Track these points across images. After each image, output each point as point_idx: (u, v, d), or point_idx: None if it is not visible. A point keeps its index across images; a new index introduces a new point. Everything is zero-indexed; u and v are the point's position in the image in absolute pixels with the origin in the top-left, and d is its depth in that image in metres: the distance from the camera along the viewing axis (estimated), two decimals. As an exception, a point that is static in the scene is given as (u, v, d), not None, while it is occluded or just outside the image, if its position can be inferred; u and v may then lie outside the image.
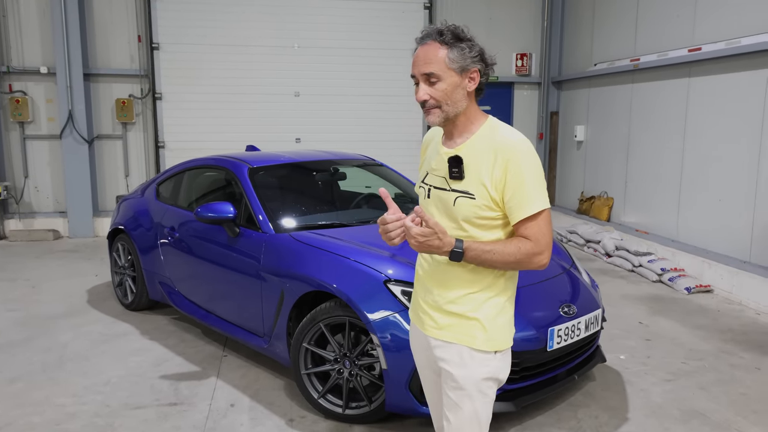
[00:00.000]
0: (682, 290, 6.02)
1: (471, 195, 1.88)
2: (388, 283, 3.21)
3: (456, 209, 1.91)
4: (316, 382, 3.49)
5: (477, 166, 1.88)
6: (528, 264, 1.88)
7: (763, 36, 5.50)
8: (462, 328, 1.97)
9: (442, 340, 2.00)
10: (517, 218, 1.86)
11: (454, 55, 1.86)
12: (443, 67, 1.86)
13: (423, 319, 2.07)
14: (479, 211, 1.88)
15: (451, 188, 1.92)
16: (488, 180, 1.86)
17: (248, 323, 4.02)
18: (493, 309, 1.97)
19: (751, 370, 4.15)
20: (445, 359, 2.00)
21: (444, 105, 1.88)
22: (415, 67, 1.91)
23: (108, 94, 8.84)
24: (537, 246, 1.86)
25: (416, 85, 1.93)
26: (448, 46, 1.87)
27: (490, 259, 1.86)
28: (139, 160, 9.08)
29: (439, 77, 1.86)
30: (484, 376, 1.98)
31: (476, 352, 1.96)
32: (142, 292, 5.18)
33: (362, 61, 9.21)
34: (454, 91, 1.88)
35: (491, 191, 1.86)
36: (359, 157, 5.18)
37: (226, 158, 4.68)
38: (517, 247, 1.85)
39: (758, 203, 5.66)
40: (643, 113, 7.46)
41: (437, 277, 2.01)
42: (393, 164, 6.18)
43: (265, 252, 3.83)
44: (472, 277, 1.95)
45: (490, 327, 1.96)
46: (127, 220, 5.35)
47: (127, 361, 4.27)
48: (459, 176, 1.90)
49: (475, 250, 1.85)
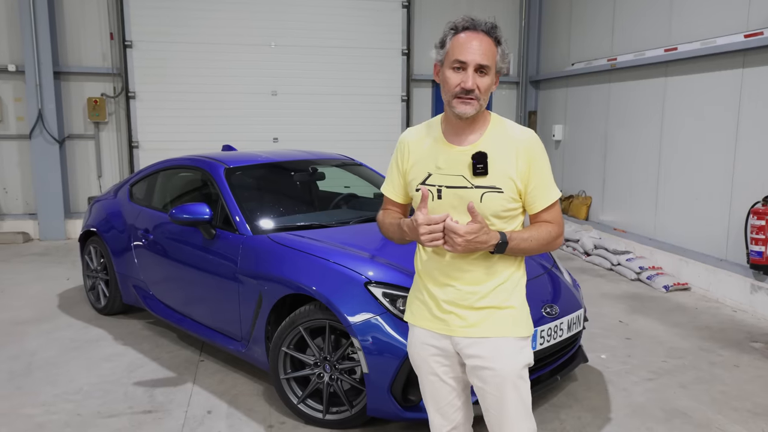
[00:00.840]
0: (660, 288, 6.06)
1: (499, 189, 1.92)
2: (368, 285, 3.15)
3: (484, 204, 1.93)
4: (296, 386, 3.41)
5: (500, 160, 1.93)
6: (552, 246, 2.02)
7: (738, 36, 5.55)
8: (497, 319, 1.99)
9: (475, 338, 1.99)
10: (540, 206, 1.98)
11: (501, 54, 1.92)
12: (493, 62, 1.90)
13: (446, 320, 2.02)
14: (506, 203, 1.94)
15: (475, 185, 1.93)
16: (515, 173, 1.93)
17: (225, 327, 3.92)
18: (520, 295, 2.05)
19: (729, 368, 4.17)
20: (481, 355, 1.99)
21: (482, 98, 1.91)
22: (469, 54, 1.87)
23: (79, 92, 8.62)
24: (559, 228, 2.01)
25: (455, 71, 1.90)
26: (499, 44, 1.91)
27: (527, 247, 1.95)
28: (112, 160, 8.88)
29: (487, 72, 1.89)
30: (523, 363, 2.02)
31: (514, 340, 2.00)
32: (116, 296, 5.04)
33: (340, 60, 9.12)
34: (489, 89, 1.92)
35: (518, 183, 1.94)
36: (338, 157, 5.10)
37: (202, 158, 4.57)
38: (548, 231, 1.98)
39: (733, 201, 5.72)
40: (621, 113, 7.51)
41: (458, 275, 2.00)
42: (372, 163, 6.11)
43: (243, 254, 3.74)
44: (497, 268, 1.99)
45: (522, 313, 2.04)
46: (100, 222, 5.20)
47: (99, 368, 4.14)
48: (484, 172, 1.91)
49: (515, 239, 1.92)
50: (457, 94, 1.89)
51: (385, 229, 2.18)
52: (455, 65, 1.89)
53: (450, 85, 1.90)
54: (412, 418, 3.03)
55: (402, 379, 3.00)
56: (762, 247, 5.21)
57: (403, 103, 9.48)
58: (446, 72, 1.92)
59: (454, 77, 1.89)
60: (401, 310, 3.07)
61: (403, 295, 3.12)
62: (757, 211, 5.26)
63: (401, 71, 9.40)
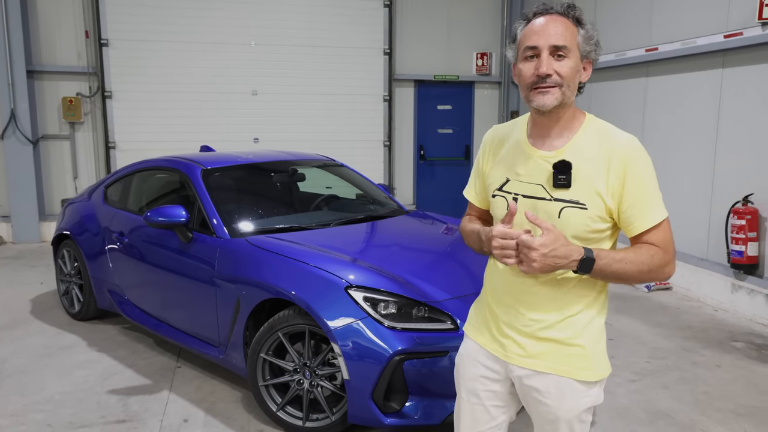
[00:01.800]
0: (643, 288, 6.06)
1: (582, 205, 1.65)
2: (349, 289, 3.07)
3: (562, 221, 1.66)
4: (275, 393, 3.32)
5: (587, 171, 1.66)
6: (656, 275, 1.68)
7: (718, 36, 5.57)
8: (561, 356, 1.73)
9: (533, 370, 1.76)
10: (639, 229, 1.67)
11: (585, 34, 1.68)
12: (574, 44, 1.65)
13: (504, 344, 1.81)
14: (591, 223, 1.66)
15: (554, 197, 1.68)
16: (603, 188, 1.64)
17: (203, 333, 3.82)
18: (595, 332, 1.75)
19: (711, 368, 4.17)
20: (540, 390, 1.77)
21: (565, 86, 1.64)
22: (539, 37, 1.64)
23: (54, 92, 8.41)
24: (667, 254, 1.67)
25: (528, 60, 1.66)
26: (578, 24, 1.68)
27: (620, 270, 1.63)
28: (88, 161, 8.68)
29: (568, 53, 1.63)
30: (585, 407, 1.77)
31: (578, 383, 1.74)
32: (90, 301, 4.91)
33: (321, 59, 9.03)
34: (575, 77, 1.66)
35: (607, 200, 1.65)
36: (318, 158, 5.02)
37: (179, 159, 4.46)
38: (650, 255, 1.65)
39: (714, 200, 5.74)
40: (602, 112, 7.49)
41: (524, 298, 1.76)
42: (354, 163, 6.05)
43: (220, 258, 3.64)
44: (571, 296, 1.72)
45: (594, 354, 1.74)
46: (73, 225, 5.06)
47: (72, 376, 4.01)
48: (566, 184, 1.65)
49: (605, 259, 1.61)
50: (532, 85, 1.64)
51: (465, 236, 1.95)
52: (527, 54, 1.66)
53: (525, 77, 1.66)
54: (394, 424, 2.96)
55: (383, 386, 2.93)
56: (742, 246, 5.23)
57: (386, 102, 9.41)
58: (519, 65, 1.69)
59: (527, 67, 1.66)
60: (383, 315, 3.01)
61: (384, 300, 3.05)
62: (738, 210, 5.28)
63: (383, 71, 9.33)
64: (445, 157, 9.79)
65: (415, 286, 3.18)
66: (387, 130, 9.48)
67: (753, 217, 5.20)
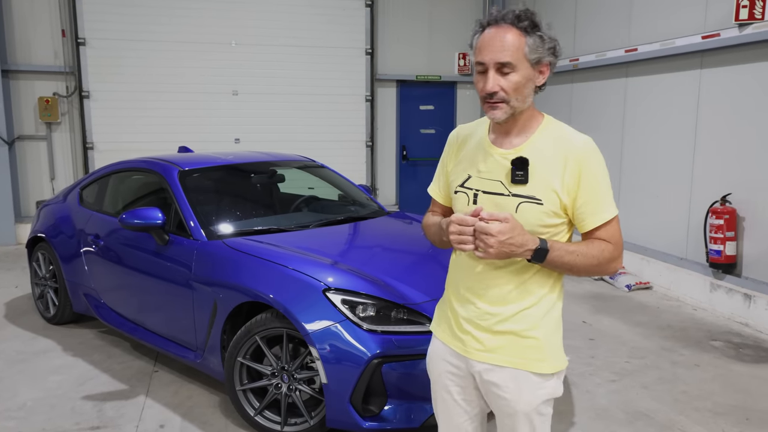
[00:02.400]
0: (623, 288, 6.10)
1: (538, 200, 1.72)
2: (327, 292, 3.04)
3: (519, 216, 1.72)
4: (253, 398, 3.27)
5: (544, 169, 1.72)
6: (605, 269, 1.76)
7: (696, 37, 5.62)
8: (517, 349, 1.78)
9: (491, 364, 1.81)
10: (591, 225, 1.74)
11: (533, 44, 1.69)
12: (520, 56, 1.68)
13: (463, 339, 1.85)
14: (546, 217, 1.73)
15: (512, 193, 1.75)
16: (559, 185, 1.71)
17: (180, 336, 3.76)
18: (550, 325, 1.80)
19: (690, 367, 4.20)
20: (498, 384, 1.81)
21: (513, 100, 1.70)
22: (485, 53, 1.69)
23: (30, 92, 8.25)
24: (616, 249, 1.75)
25: (480, 74, 1.72)
26: (526, 33, 1.68)
27: (572, 261, 1.71)
28: (66, 162, 8.54)
29: (514, 68, 1.68)
30: (543, 399, 1.81)
31: (535, 375, 1.79)
32: (66, 305, 4.82)
33: (303, 59, 8.97)
34: (525, 85, 1.71)
35: (562, 197, 1.72)
36: (298, 158, 4.97)
37: (155, 160, 4.39)
38: (601, 249, 1.73)
39: (693, 200, 5.79)
40: (583, 112, 7.56)
41: (481, 292, 1.81)
42: (337, 165, 6.01)
43: (197, 260, 3.59)
44: (528, 288, 1.78)
45: (549, 346, 1.79)
46: (48, 228, 4.97)
47: (45, 382, 3.93)
48: (523, 180, 1.73)
49: (558, 250, 1.69)
50: (483, 99, 1.73)
51: (427, 230, 2.00)
52: (478, 68, 1.73)
53: (477, 90, 1.74)
54: (373, 428, 2.93)
55: (362, 389, 2.90)
56: (721, 246, 5.28)
57: (368, 103, 9.38)
58: (474, 76, 1.77)
59: (478, 81, 1.73)
60: (361, 318, 2.98)
61: (363, 302, 3.02)
62: (716, 210, 5.33)
63: (365, 71, 9.29)
64: (428, 157, 9.77)
65: (393, 288, 3.15)
66: (369, 131, 9.45)
67: (731, 216, 5.25)
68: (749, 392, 3.81)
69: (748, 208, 5.20)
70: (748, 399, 3.72)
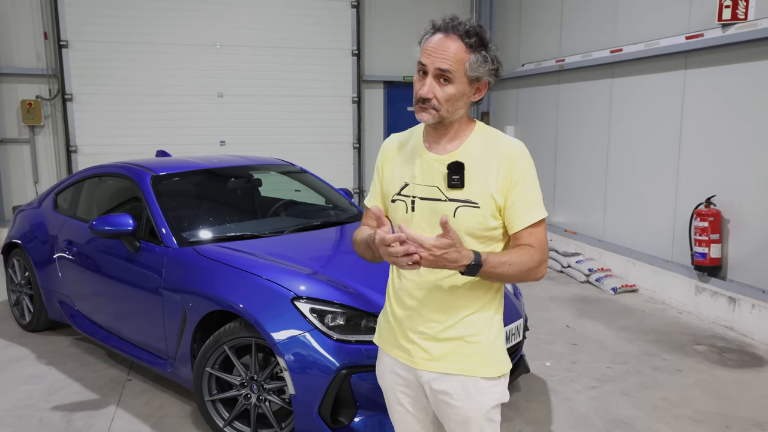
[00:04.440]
0: (609, 291, 6.04)
1: (475, 204, 1.72)
2: (295, 301, 2.97)
3: (457, 220, 1.72)
4: (222, 409, 3.21)
5: (479, 172, 1.73)
6: (532, 275, 1.73)
7: (680, 38, 5.57)
8: (464, 355, 1.78)
9: (439, 372, 1.79)
10: (520, 226, 1.73)
11: (474, 62, 1.69)
12: (460, 70, 1.69)
13: (409, 350, 1.84)
14: (484, 221, 1.73)
15: (449, 198, 1.74)
16: (494, 187, 1.72)
17: (151, 345, 3.69)
18: (494, 330, 1.81)
19: (672, 372, 4.14)
20: (448, 392, 1.80)
21: (443, 110, 1.71)
22: (430, 57, 1.69)
23: (12, 94, 8.17)
24: (543, 254, 1.74)
25: (420, 73, 1.73)
26: (471, 49, 1.69)
27: (504, 272, 1.69)
28: (49, 165, 8.45)
29: (452, 80, 1.69)
30: (492, 404, 1.81)
31: (482, 380, 1.78)
32: (41, 312, 4.74)
33: (289, 60, 8.89)
34: (459, 99, 1.72)
35: (497, 199, 1.72)
36: (276, 162, 4.90)
37: (129, 165, 4.31)
38: (530, 255, 1.71)
39: (678, 202, 5.74)
40: (569, 113, 7.51)
41: (426, 300, 1.80)
42: (324, 167, 5.95)
43: (167, 268, 3.52)
44: (471, 295, 1.78)
45: (493, 350, 1.80)
46: (23, 234, 4.89)
47: (15, 391, 3.85)
48: (459, 184, 1.73)
49: (491, 262, 1.66)
50: (416, 101, 1.73)
51: (356, 246, 1.94)
52: (419, 68, 1.73)
53: (414, 90, 1.75)
54: (342, 440, 2.87)
55: (330, 400, 2.84)
56: (705, 248, 5.23)
57: (355, 104, 9.31)
58: (415, 75, 1.76)
59: (416, 82, 1.74)
60: (330, 327, 2.91)
61: (332, 311, 2.96)
62: (701, 212, 5.28)
63: (352, 72, 9.23)
64: (417, 158, 9.69)
65: (365, 296, 3.08)
66: (356, 132, 9.39)
67: (715, 218, 5.20)
68: (730, 398, 3.76)
69: (733, 210, 5.15)
70: (729, 405, 3.67)
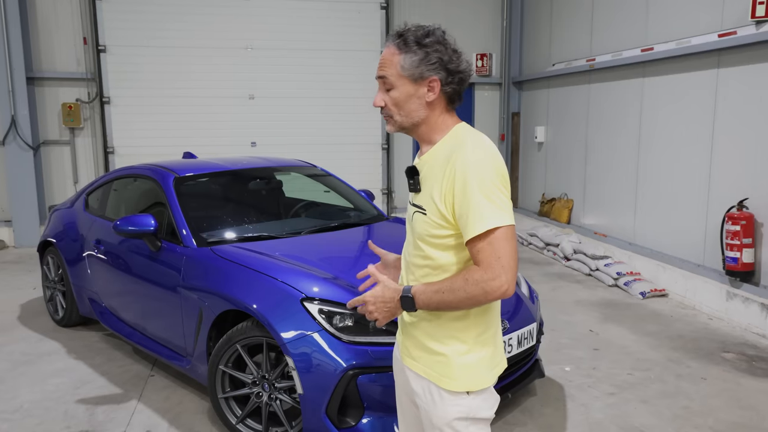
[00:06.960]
0: (637, 295, 5.90)
1: (423, 210, 1.74)
2: (305, 302, 3.01)
3: (413, 224, 1.78)
4: (235, 406, 3.28)
5: (431, 179, 1.72)
6: (486, 295, 1.59)
7: (712, 36, 5.40)
8: (429, 362, 1.78)
9: (414, 372, 1.84)
10: (466, 238, 1.63)
11: (405, 61, 1.70)
12: (396, 73, 1.71)
13: (403, 343, 1.90)
14: (430, 228, 1.71)
15: (412, 202, 1.81)
16: (438, 194, 1.68)
17: (171, 342, 3.79)
18: (465, 344, 1.74)
19: (696, 381, 4.02)
20: (417, 393, 1.83)
21: (396, 115, 1.75)
22: (377, 69, 1.78)
23: (54, 98, 8.50)
24: (488, 272, 1.58)
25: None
26: (399, 50, 1.71)
27: (442, 300, 1.63)
28: (88, 166, 8.76)
29: (392, 84, 1.73)
30: (455, 416, 1.76)
31: (444, 391, 1.76)
32: (72, 308, 4.92)
33: (318, 62, 8.99)
34: (407, 101, 1.72)
35: (440, 206, 1.67)
36: (298, 164, 4.95)
37: (154, 167, 4.44)
38: (464, 279, 1.61)
39: (710, 205, 5.57)
40: (600, 114, 7.36)
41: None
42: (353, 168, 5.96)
43: (185, 267, 3.61)
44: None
45: (457, 365, 1.73)
46: (57, 233, 5.09)
47: (44, 384, 4.01)
48: (415, 189, 1.77)
49: (424, 293, 1.66)
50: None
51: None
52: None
53: None
54: (349, 440, 2.89)
55: (338, 401, 2.87)
56: (737, 253, 5.06)
57: (384, 105, 9.32)
58: None
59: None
60: (338, 328, 2.94)
61: (341, 312, 2.99)
62: (733, 216, 5.11)
63: (381, 73, 9.24)
64: (446, 159, 9.66)
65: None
66: (386, 134, 9.41)
67: (748, 222, 5.03)
68: (756, 409, 3.63)
69: (767, 213, 4.96)
70: (754, 416, 3.55)
